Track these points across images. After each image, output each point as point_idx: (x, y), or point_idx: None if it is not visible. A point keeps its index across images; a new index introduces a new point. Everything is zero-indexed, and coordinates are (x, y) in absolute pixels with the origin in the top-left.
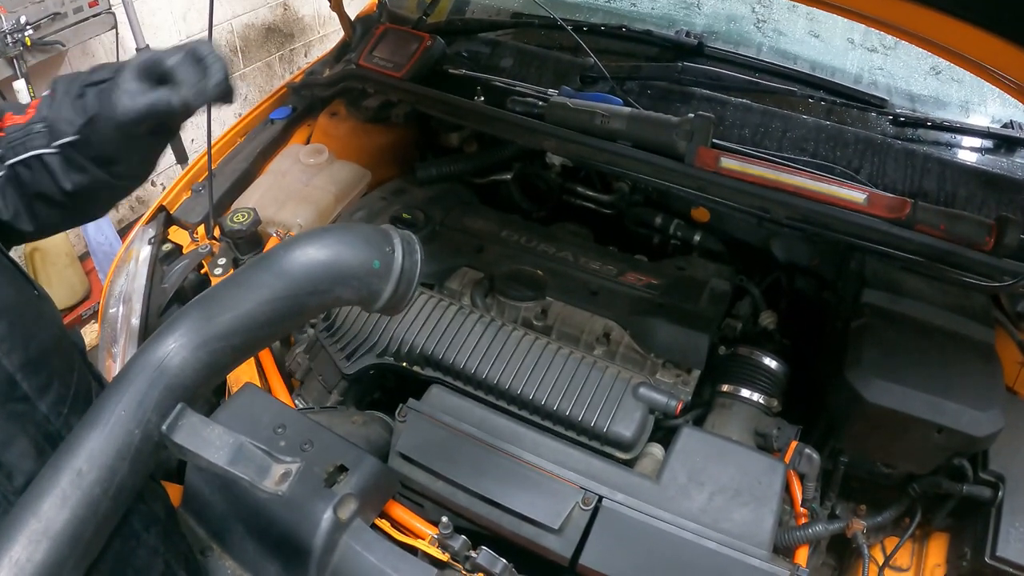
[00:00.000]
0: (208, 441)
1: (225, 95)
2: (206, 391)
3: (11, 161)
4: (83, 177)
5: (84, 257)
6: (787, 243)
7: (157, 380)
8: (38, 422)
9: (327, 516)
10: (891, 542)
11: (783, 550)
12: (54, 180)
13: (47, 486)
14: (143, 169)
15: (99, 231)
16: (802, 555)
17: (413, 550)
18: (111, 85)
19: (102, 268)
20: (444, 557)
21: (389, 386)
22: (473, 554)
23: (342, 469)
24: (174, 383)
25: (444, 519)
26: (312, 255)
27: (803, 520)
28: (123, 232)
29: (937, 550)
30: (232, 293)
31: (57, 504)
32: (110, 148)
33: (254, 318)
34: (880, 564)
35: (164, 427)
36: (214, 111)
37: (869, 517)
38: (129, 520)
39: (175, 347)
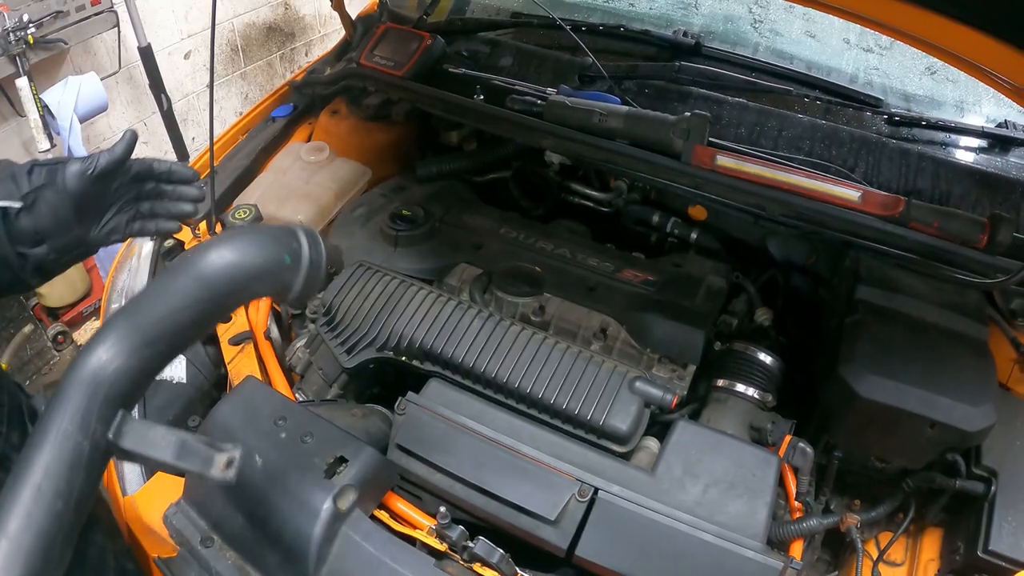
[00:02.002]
0: (153, 442)
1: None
2: (140, 394)
3: None
4: None
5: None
6: (784, 241)
7: (96, 393)
8: None
9: (327, 506)
10: (886, 537)
11: (778, 544)
12: None
13: (10, 506)
14: (53, 265)
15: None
16: (797, 549)
17: (412, 540)
18: (59, 163)
19: (103, 266)
20: (442, 547)
21: (388, 381)
22: (470, 544)
23: (342, 460)
24: (111, 393)
25: (442, 509)
26: (228, 258)
27: (797, 515)
28: None
29: (931, 545)
30: (156, 300)
31: (23, 523)
32: (46, 221)
33: (179, 323)
34: (874, 559)
35: (111, 435)
36: (216, 109)
37: (863, 512)
38: None
39: (108, 358)
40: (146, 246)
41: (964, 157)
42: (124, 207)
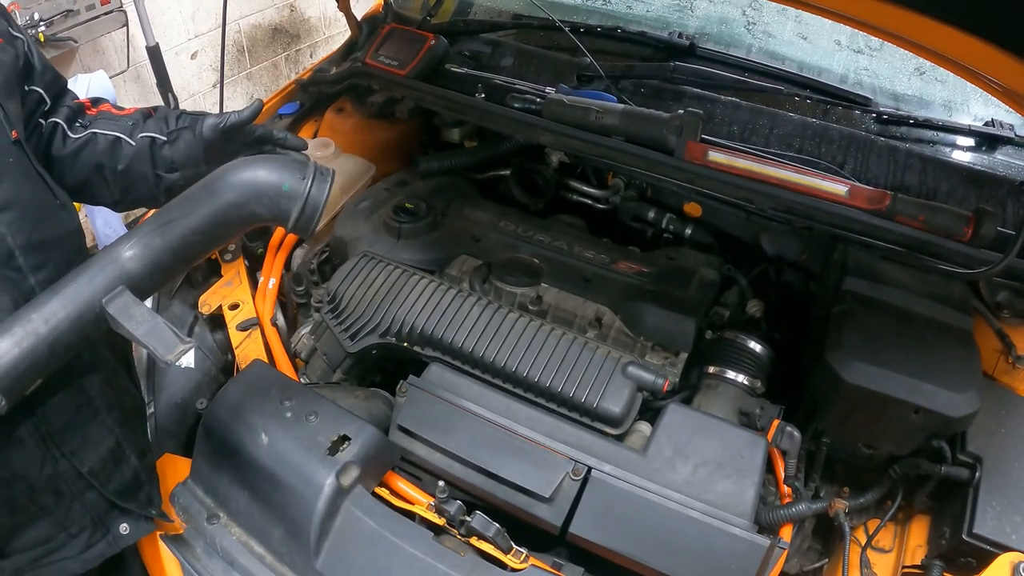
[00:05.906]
0: (132, 316)
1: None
2: (150, 286)
3: (95, 130)
4: (140, 167)
5: (92, 249)
6: (776, 238)
7: (109, 266)
8: (24, 290)
9: (330, 482)
10: (874, 524)
11: (768, 528)
12: (115, 158)
13: (5, 327)
14: (181, 191)
15: (107, 224)
16: (786, 534)
17: (411, 515)
18: (201, 115)
19: None
20: (440, 521)
21: (390, 370)
22: (468, 519)
23: (345, 439)
24: (121, 271)
25: (441, 483)
26: (238, 174)
27: (787, 500)
28: (131, 225)
29: (919, 532)
30: (178, 206)
31: (7, 341)
32: (181, 155)
33: (190, 226)
34: (863, 545)
35: (104, 300)
36: (225, 106)
37: (852, 499)
38: (91, 397)
39: (130, 244)
40: None
41: (951, 154)
42: None
